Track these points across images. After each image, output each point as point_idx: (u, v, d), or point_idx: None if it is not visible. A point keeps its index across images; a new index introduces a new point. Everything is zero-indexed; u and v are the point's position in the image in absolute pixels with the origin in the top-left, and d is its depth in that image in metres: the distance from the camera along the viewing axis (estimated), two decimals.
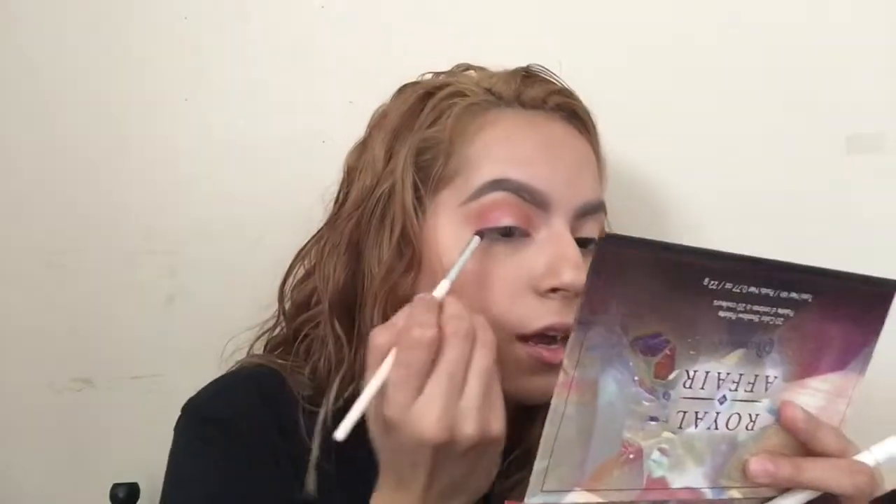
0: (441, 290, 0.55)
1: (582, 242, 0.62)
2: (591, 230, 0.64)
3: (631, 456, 0.49)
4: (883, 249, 0.81)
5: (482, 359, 0.52)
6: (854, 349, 0.54)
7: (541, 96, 0.65)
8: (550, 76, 0.68)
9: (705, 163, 0.84)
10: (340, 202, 0.69)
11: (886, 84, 0.81)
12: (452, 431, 0.50)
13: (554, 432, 0.46)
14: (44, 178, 0.95)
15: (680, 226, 0.85)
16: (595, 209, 0.64)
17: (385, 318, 0.60)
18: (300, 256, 0.71)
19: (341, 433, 0.50)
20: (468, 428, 0.50)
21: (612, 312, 0.45)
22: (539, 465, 0.47)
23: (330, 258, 0.65)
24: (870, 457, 0.52)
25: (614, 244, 0.44)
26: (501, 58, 0.71)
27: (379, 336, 0.53)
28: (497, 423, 0.52)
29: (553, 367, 0.60)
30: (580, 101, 0.68)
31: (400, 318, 0.53)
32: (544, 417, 0.67)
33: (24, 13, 0.95)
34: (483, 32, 0.87)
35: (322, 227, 0.69)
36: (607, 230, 0.70)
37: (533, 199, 0.60)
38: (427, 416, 0.50)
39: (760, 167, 0.83)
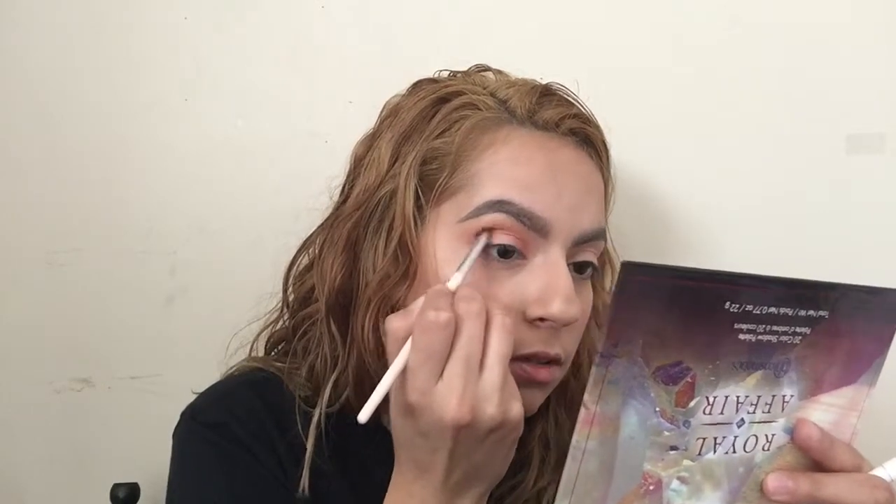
0: (454, 282, 0.55)
1: (578, 267, 0.63)
2: (588, 256, 0.63)
3: (651, 487, 0.48)
4: (883, 250, 0.81)
5: (500, 342, 0.52)
6: (865, 361, 0.53)
7: (555, 119, 0.63)
8: (569, 96, 0.67)
9: (705, 163, 0.84)
10: (345, 195, 0.68)
11: (886, 84, 0.81)
12: (474, 413, 0.51)
13: (576, 469, 0.46)
14: (44, 178, 0.95)
15: (680, 226, 0.85)
16: (595, 237, 0.63)
17: (378, 325, 0.61)
18: (305, 245, 0.70)
19: (363, 416, 0.51)
20: (490, 409, 0.51)
21: (635, 342, 0.45)
22: (560, 503, 0.46)
23: (329, 255, 0.65)
24: (884, 473, 0.52)
25: (634, 272, 0.43)
26: (502, 58, 0.71)
27: (394, 321, 0.54)
28: (517, 406, 0.53)
29: (533, 383, 0.60)
30: (595, 126, 0.67)
31: (416, 305, 0.53)
32: (539, 422, 0.68)
33: (24, 13, 0.95)
34: (484, 33, 0.87)
35: (327, 219, 0.69)
36: (615, 251, 0.71)
37: (533, 225, 0.59)
38: (448, 397, 0.50)
39: (760, 167, 0.83)
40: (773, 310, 0.47)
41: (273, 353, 0.72)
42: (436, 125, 0.63)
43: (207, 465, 0.63)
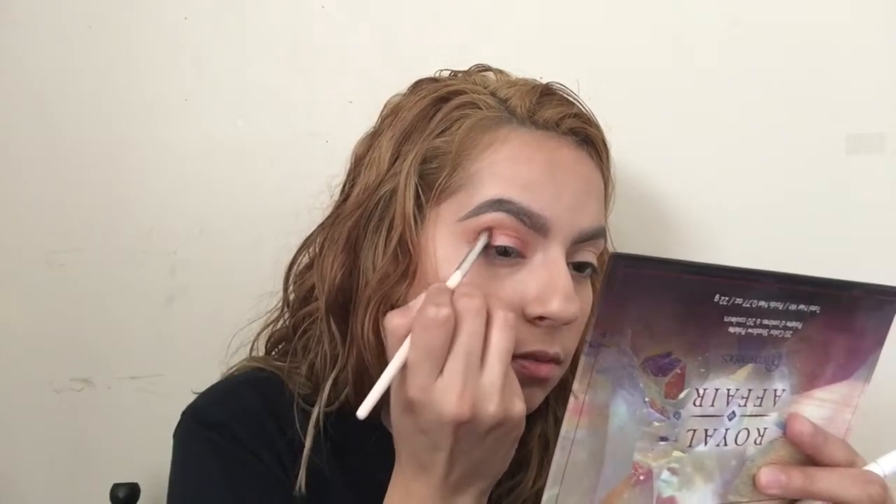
0: (454, 280, 0.55)
1: (578, 266, 0.63)
2: (588, 255, 0.63)
3: (641, 478, 0.48)
4: (883, 249, 0.81)
5: (501, 339, 0.52)
6: (859, 357, 0.53)
7: (555, 118, 0.63)
8: (569, 96, 0.67)
9: (705, 164, 0.84)
10: (345, 194, 0.68)
11: (886, 84, 0.82)
12: (475, 409, 0.50)
13: (565, 459, 0.46)
14: (44, 178, 0.95)
15: (680, 226, 0.85)
16: (594, 236, 0.63)
17: (377, 323, 0.61)
18: (306, 245, 0.71)
19: (363, 412, 0.51)
20: (491, 406, 0.51)
21: (624, 333, 0.45)
22: (549, 493, 0.46)
23: (329, 253, 0.65)
24: (878, 468, 0.52)
25: (624, 264, 0.43)
26: (502, 58, 0.71)
27: (394, 319, 0.53)
28: (519, 404, 0.52)
29: (534, 380, 0.60)
30: (595, 126, 0.67)
31: (416, 302, 0.53)
32: (538, 421, 0.68)
33: (24, 13, 0.95)
34: (484, 33, 0.87)
35: (327, 217, 0.69)
36: (614, 250, 0.70)
37: (532, 224, 0.59)
38: (448, 394, 0.50)
39: (760, 167, 0.83)
40: (763, 303, 0.48)
41: (273, 353, 0.72)
42: (436, 124, 0.63)
43: (208, 466, 0.63)
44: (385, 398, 0.53)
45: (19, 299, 0.97)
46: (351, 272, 0.64)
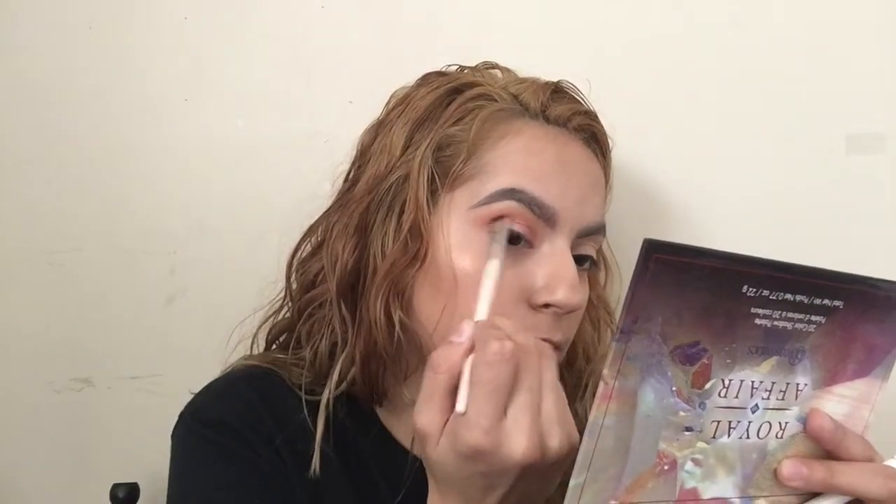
0: (492, 268, 0.54)
1: (578, 260, 0.63)
2: (589, 249, 0.65)
3: (665, 467, 0.48)
4: (883, 249, 0.81)
5: (549, 370, 0.50)
6: (879, 354, 0.53)
7: (566, 115, 0.65)
8: (578, 95, 0.69)
9: (705, 163, 0.84)
10: (351, 181, 0.69)
11: (886, 84, 0.82)
12: (542, 449, 0.48)
13: (592, 445, 0.45)
14: (44, 178, 0.95)
15: (680, 227, 0.85)
16: (596, 231, 0.65)
17: (387, 307, 0.62)
18: (309, 233, 0.71)
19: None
20: (554, 442, 0.49)
21: (654, 320, 0.45)
22: (576, 480, 0.46)
23: (339, 238, 0.66)
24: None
25: (656, 251, 0.43)
26: (501, 58, 0.72)
27: (438, 353, 0.50)
28: (575, 431, 0.50)
29: None
30: (601, 125, 0.68)
31: (461, 337, 0.50)
32: None
33: (24, 13, 0.95)
34: (484, 33, 0.87)
35: (332, 205, 0.70)
36: (621, 257, 0.71)
37: (542, 214, 0.61)
38: (517, 436, 0.48)
39: (760, 167, 0.83)
40: (788, 296, 0.47)
41: (274, 346, 0.72)
42: (451, 113, 0.64)
43: (207, 463, 0.63)
44: (401, 403, 0.51)
45: (19, 299, 0.97)
46: (360, 257, 0.64)
